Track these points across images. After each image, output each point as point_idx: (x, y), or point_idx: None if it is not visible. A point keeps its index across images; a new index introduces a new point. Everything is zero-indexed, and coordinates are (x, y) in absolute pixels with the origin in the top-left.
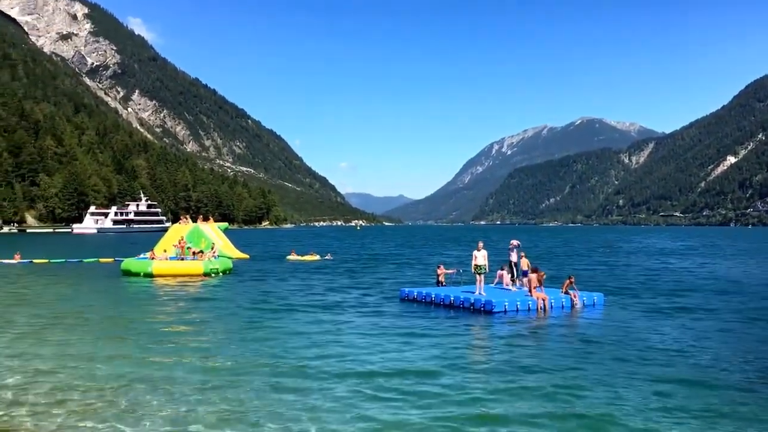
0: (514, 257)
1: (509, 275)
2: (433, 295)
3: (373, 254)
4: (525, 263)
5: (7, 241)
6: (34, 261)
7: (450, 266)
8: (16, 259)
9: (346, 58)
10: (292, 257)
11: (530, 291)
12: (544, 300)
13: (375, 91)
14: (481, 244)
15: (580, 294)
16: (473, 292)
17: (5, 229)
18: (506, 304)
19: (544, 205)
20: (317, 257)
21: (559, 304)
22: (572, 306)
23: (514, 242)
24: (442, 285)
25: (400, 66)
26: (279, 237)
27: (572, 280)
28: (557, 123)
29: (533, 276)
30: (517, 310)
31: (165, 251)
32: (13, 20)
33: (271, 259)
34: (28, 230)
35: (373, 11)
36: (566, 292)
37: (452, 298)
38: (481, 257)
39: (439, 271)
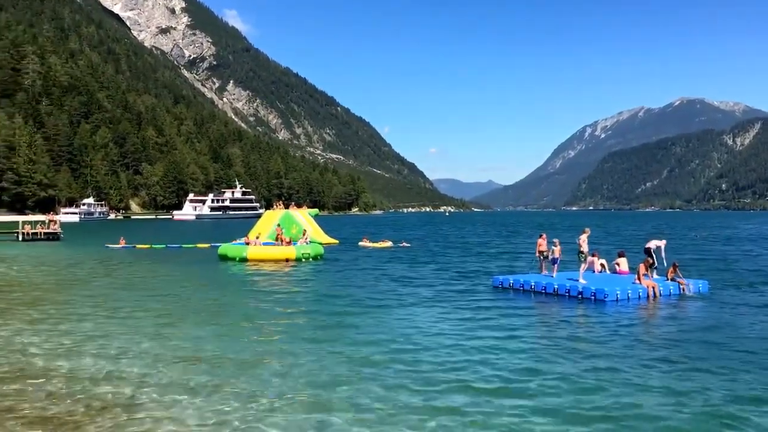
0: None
1: (600, 261)
2: (532, 283)
3: (460, 241)
4: (557, 251)
5: (114, 227)
6: (137, 246)
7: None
8: (121, 244)
9: (435, 44)
10: (365, 243)
11: (638, 278)
12: (654, 287)
13: (464, 77)
14: (588, 231)
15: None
16: (575, 279)
17: (112, 216)
18: (618, 292)
19: (639, 189)
20: (389, 244)
21: (667, 292)
22: (681, 293)
23: (659, 243)
24: (544, 258)
25: (489, 50)
26: (367, 223)
27: (676, 266)
28: (654, 104)
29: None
30: (628, 299)
31: (258, 237)
32: (116, 16)
33: (348, 245)
34: (132, 217)
35: None
36: (672, 279)
37: (556, 286)
38: (585, 243)
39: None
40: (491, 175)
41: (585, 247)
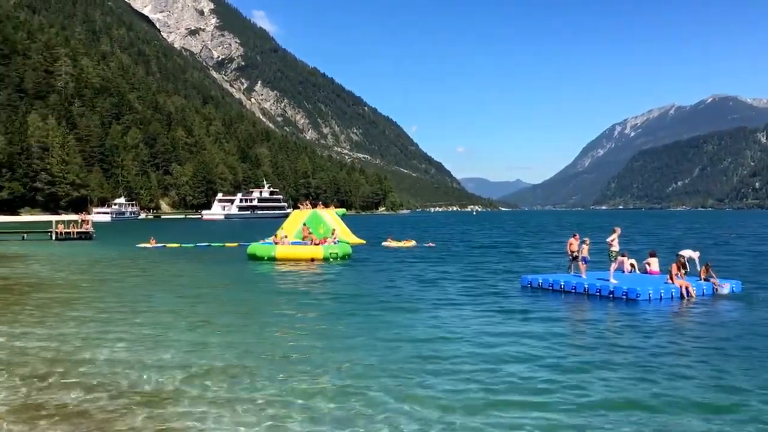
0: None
1: (629, 261)
2: (562, 283)
3: (487, 240)
4: (585, 249)
5: (144, 227)
6: (167, 245)
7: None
8: (152, 244)
9: (461, 43)
10: (389, 243)
11: (670, 278)
12: (687, 287)
13: (491, 76)
14: (618, 230)
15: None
16: (605, 279)
17: (142, 216)
18: (650, 292)
19: (670, 188)
20: (413, 243)
21: (700, 292)
22: (714, 293)
23: (693, 255)
24: (574, 258)
25: (515, 48)
26: (393, 223)
27: (709, 266)
28: (685, 102)
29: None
30: (660, 299)
31: (286, 236)
32: (146, 18)
33: (374, 244)
34: (162, 216)
35: None
36: (705, 279)
37: (586, 286)
38: (617, 243)
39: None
40: (519, 174)
41: (616, 247)
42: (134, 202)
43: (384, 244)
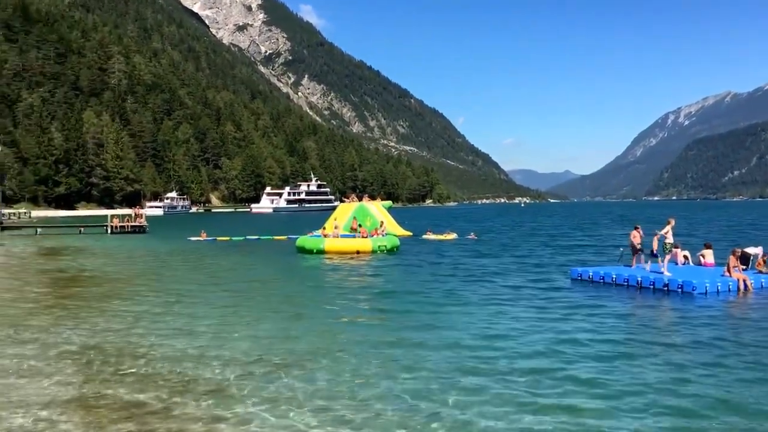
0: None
1: (683, 253)
2: (613, 275)
3: (535, 232)
4: (656, 242)
5: (195, 220)
6: (218, 239)
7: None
8: (203, 237)
9: (509, 33)
10: (429, 236)
11: (728, 271)
12: (744, 280)
13: (539, 66)
14: (672, 221)
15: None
16: (658, 272)
17: (193, 209)
18: (707, 284)
19: (726, 178)
20: (454, 236)
21: (758, 285)
22: None
23: (757, 251)
24: (638, 251)
25: (564, 37)
26: (440, 215)
27: (766, 258)
28: (742, 89)
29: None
30: (717, 292)
31: (336, 228)
32: (196, 15)
33: (419, 236)
34: (212, 210)
35: None
36: (761, 272)
37: (639, 279)
38: (671, 234)
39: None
40: (568, 165)
41: (670, 238)
42: (185, 196)
43: (424, 236)
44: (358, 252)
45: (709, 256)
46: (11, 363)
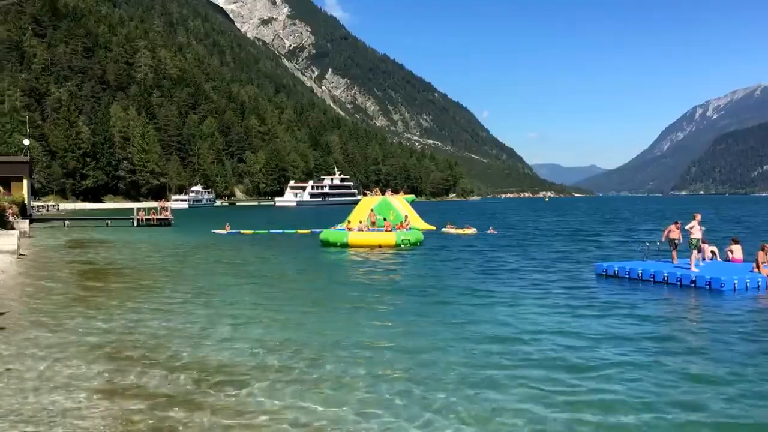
0: None
1: (710, 248)
2: (639, 271)
3: (559, 227)
4: (675, 228)
5: (220, 213)
6: (242, 232)
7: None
8: (227, 230)
9: (532, 27)
10: (448, 230)
11: (757, 266)
12: None
13: (564, 60)
14: (698, 217)
15: None
16: (685, 268)
17: (218, 203)
18: (735, 281)
19: (756, 173)
20: (473, 230)
21: None
22: None
23: None
24: (675, 247)
25: (589, 30)
26: (462, 209)
27: None
28: None
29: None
30: (746, 288)
31: (361, 221)
32: (221, 9)
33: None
34: (237, 203)
35: None
36: None
37: (665, 275)
38: (697, 230)
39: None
40: (593, 159)
41: (697, 234)
42: (210, 190)
43: (443, 230)
44: (380, 246)
45: (737, 251)
46: (41, 352)
